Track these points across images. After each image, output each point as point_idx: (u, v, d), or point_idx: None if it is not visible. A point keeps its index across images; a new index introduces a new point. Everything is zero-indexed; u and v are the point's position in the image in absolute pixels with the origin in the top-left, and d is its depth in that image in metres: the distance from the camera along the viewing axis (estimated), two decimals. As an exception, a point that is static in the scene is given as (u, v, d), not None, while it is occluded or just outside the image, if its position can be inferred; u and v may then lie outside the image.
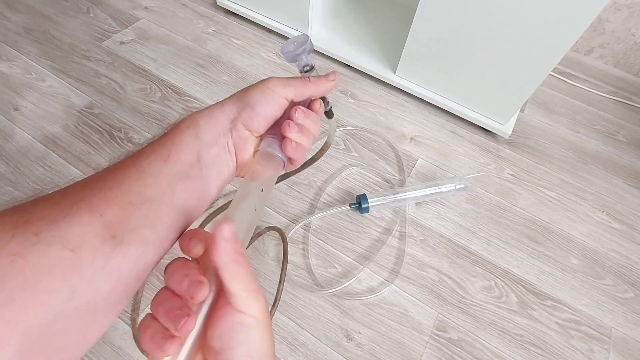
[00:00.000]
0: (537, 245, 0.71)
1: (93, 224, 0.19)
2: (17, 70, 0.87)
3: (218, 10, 1.05)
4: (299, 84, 0.29)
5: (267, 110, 0.27)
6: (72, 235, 0.18)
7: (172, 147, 0.24)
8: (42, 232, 0.17)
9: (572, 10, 0.60)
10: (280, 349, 0.57)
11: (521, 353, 0.59)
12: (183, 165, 0.23)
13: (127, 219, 0.20)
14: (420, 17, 0.75)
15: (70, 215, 0.18)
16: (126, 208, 0.20)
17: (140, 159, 0.22)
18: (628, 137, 0.91)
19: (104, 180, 0.21)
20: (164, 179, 0.22)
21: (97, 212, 0.19)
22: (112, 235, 0.19)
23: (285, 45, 0.32)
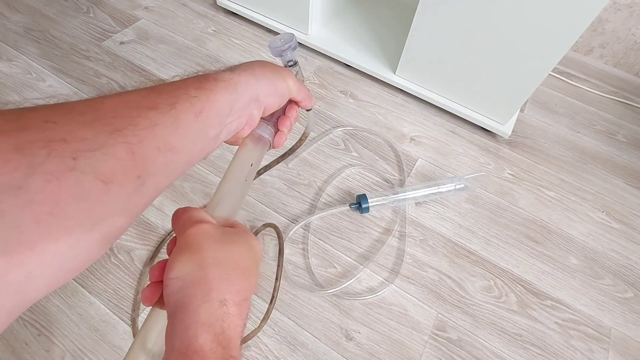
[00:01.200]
0: (537, 245, 0.71)
1: (125, 161, 0.19)
2: (17, 70, 0.87)
3: (218, 10, 1.05)
4: (304, 95, 0.33)
5: (282, 102, 0.31)
6: (106, 168, 0.18)
7: (206, 103, 0.24)
8: (79, 157, 0.17)
9: (572, 10, 0.60)
10: (280, 349, 0.57)
11: (521, 353, 0.60)
12: (208, 124, 0.24)
13: (151, 163, 0.20)
14: (420, 17, 0.75)
15: (107, 146, 0.18)
16: (153, 152, 0.21)
17: (176, 105, 0.22)
18: (628, 137, 0.91)
19: (138, 115, 0.20)
20: (191, 133, 0.23)
21: (130, 150, 0.19)
22: (138, 175, 0.20)
23: (272, 41, 0.36)
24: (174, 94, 0.23)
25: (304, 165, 0.77)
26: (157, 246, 0.65)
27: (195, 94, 0.24)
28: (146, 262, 0.63)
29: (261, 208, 0.71)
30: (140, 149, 0.20)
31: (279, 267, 0.62)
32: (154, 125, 0.21)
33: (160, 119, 0.21)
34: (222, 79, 0.25)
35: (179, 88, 0.23)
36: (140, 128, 0.20)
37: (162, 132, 0.21)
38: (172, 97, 0.22)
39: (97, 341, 0.57)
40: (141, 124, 0.20)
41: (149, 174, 0.20)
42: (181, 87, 0.23)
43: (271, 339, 0.58)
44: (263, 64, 0.30)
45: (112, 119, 0.19)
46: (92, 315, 0.58)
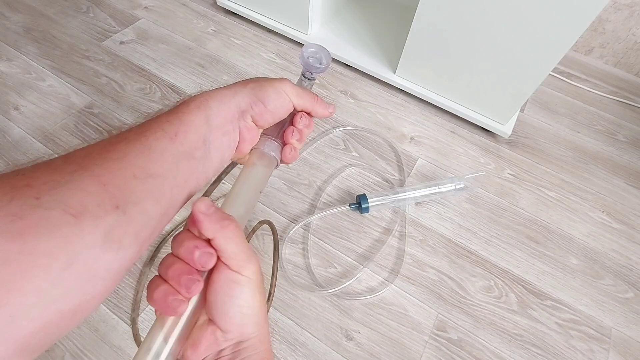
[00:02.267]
0: (537, 245, 0.71)
1: (96, 193, 0.18)
2: (16, 70, 0.87)
3: (218, 10, 1.05)
4: (309, 100, 0.31)
5: (278, 111, 0.29)
6: (74, 202, 0.17)
7: (181, 126, 0.24)
8: (43, 196, 0.17)
9: (572, 10, 0.60)
10: (280, 349, 0.57)
11: (521, 353, 0.59)
12: (189, 145, 0.24)
13: (130, 192, 0.20)
14: (420, 17, 0.75)
15: (72, 182, 0.18)
16: (130, 181, 0.20)
17: (146, 133, 0.22)
18: (628, 137, 0.91)
19: (107, 151, 0.20)
20: (169, 157, 0.22)
21: (101, 182, 0.19)
22: (115, 205, 0.19)
23: (310, 52, 0.34)
24: (145, 126, 0.23)
25: (304, 165, 0.77)
26: (157, 246, 0.65)
27: (167, 119, 0.24)
28: (146, 262, 0.63)
29: (261, 208, 0.71)
30: (112, 180, 0.19)
31: (274, 264, 0.62)
32: (124, 156, 0.20)
33: (130, 148, 0.21)
34: (193, 100, 0.25)
35: (150, 121, 0.23)
36: (108, 160, 0.20)
37: (134, 161, 0.21)
38: (142, 129, 0.22)
39: (97, 341, 0.56)
40: (110, 157, 0.20)
41: (129, 202, 0.19)
42: (153, 119, 0.24)
43: (271, 338, 0.58)
44: (247, 80, 0.29)
45: (81, 160, 0.19)
46: (92, 315, 0.58)
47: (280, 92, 0.28)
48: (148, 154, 0.21)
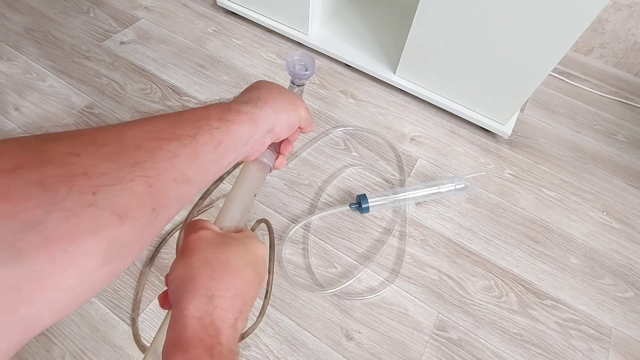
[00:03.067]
0: (537, 244, 0.71)
1: (142, 194, 0.19)
2: (17, 70, 0.87)
3: (218, 10, 1.05)
4: (310, 123, 0.35)
5: (292, 132, 0.32)
6: (123, 202, 0.18)
7: (227, 135, 0.24)
8: (99, 192, 0.17)
9: (572, 10, 0.60)
10: (281, 349, 0.57)
11: (521, 352, 0.60)
12: (224, 154, 0.25)
13: (166, 195, 0.21)
14: (420, 17, 0.75)
15: (125, 181, 0.18)
16: (170, 184, 0.21)
17: (197, 137, 0.23)
18: (628, 137, 0.91)
19: (159, 147, 0.21)
20: (207, 164, 0.23)
21: (148, 183, 0.19)
22: (153, 207, 0.20)
23: (295, 60, 0.37)
24: (196, 124, 0.23)
25: (304, 165, 0.78)
26: (157, 246, 0.65)
27: (217, 125, 0.24)
28: (146, 262, 0.63)
29: (262, 208, 0.71)
30: (157, 182, 0.20)
31: (270, 262, 0.62)
32: (173, 157, 0.21)
33: (180, 150, 0.21)
34: (245, 112, 0.26)
35: (201, 118, 0.24)
36: (160, 160, 0.20)
37: (180, 164, 0.21)
38: (194, 128, 0.23)
39: (98, 341, 0.57)
40: (161, 156, 0.20)
41: (163, 206, 0.20)
42: (204, 117, 0.24)
43: (271, 339, 0.58)
44: (280, 93, 0.30)
45: (134, 152, 0.20)
46: (92, 315, 0.58)
47: (298, 116, 0.32)
48: (193, 160, 0.22)
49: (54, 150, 0.17)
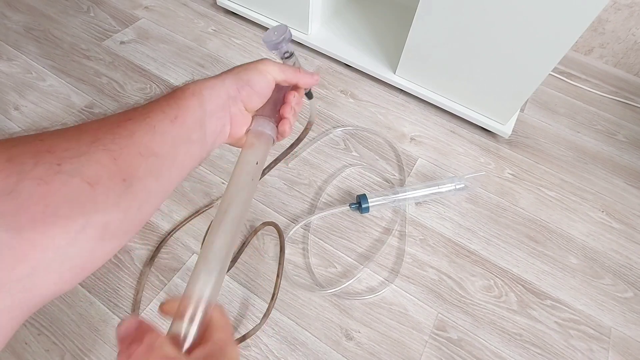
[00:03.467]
0: (537, 244, 0.71)
1: (108, 166, 0.20)
2: (17, 70, 0.87)
3: (218, 10, 1.05)
4: (291, 72, 0.32)
5: (264, 91, 0.31)
6: (90, 172, 0.19)
7: (179, 110, 0.25)
8: (64, 163, 0.19)
9: (572, 10, 0.60)
10: (280, 349, 0.57)
11: (521, 352, 0.60)
12: (188, 128, 0.26)
13: (136, 168, 0.22)
14: (420, 17, 0.75)
15: (89, 153, 0.20)
16: (136, 157, 0.22)
17: (150, 114, 0.24)
18: (628, 137, 0.91)
19: (117, 126, 0.22)
20: (169, 138, 0.24)
21: (112, 156, 0.21)
22: (123, 178, 0.21)
23: (266, 35, 0.35)
24: (148, 107, 0.25)
25: (304, 165, 0.77)
26: (157, 246, 0.65)
27: (167, 104, 0.25)
28: (146, 261, 0.63)
29: (261, 208, 0.71)
30: (121, 155, 0.21)
31: (279, 265, 0.62)
32: (132, 133, 0.22)
33: (137, 127, 0.23)
34: (188, 88, 0.27)
35: (152, 104, 0.25)
36: (119, 137, 0.22)
37: (141, 139, 0.22)
38: (146, 110, 0.24)
39: (97, 341, 0.57)
40: (120, 133, 0.22)
41: (134, 177, 0.22)
42: (153, 102, 0.26)
43: (271, 338, 0.58)
44: (233, 67, 0.31)
45: (94, 131, 0.21)
46: (92, 315, 0.58)
47: (263, 71, 0.30)
48: (152, 135, 0.23)
49: (21, 138, 0.20)
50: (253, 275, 0.63)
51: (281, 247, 0.64)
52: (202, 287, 0.23)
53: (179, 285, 0.61)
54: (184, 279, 0.62)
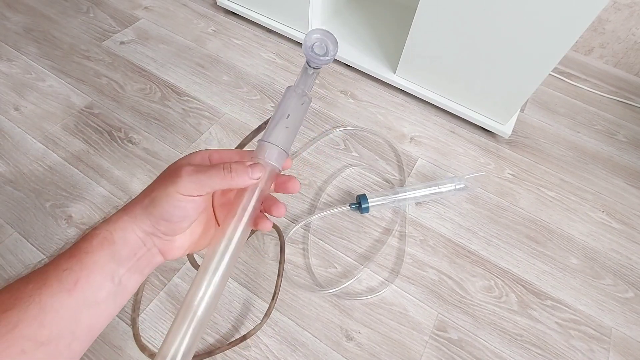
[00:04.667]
0: (537, 245, 0.71)
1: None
2: (17, 70, 0.87)
3: (218, 10, 1.05)
4: (217, 181, 0.25)
5: (186, 218, 0.25)
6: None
7: (82, 272, 0.22)
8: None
9: (572, 10, 0.60)
10: (280, 349, 0.57)
11: (521, 353, 0.59)
12: (92, 291, 0.22)
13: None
14: (420, 17, 0.75)
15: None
16: (17, 357, 0.19)
17: (42, 290, 0.21)
18: (628, 137, 0.91)
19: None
20: (66, 314, 0.21)
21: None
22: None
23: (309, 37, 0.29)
24: (43, 276, 0.22)
25: (304, 165, 0.77)
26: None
27: (67, 265, 0.22)
28: (146, 262, 0.63)
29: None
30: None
31: (280, 265, 0.62)
32: (13, 327, 0.20)
33: (21, 316, 0.20)
34: (96, 236, 0.23)
35: (48, 268, 0.22)
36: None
37: (25, 332, 0.20)
38: (40, 282, 0.21)
39: (97, 341, 0.56)
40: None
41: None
42: (51, 264, 0.22)
43: (271, 339, 0.58)
44: (145, 192, 0.26)
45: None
46: (92, 315, 0.58)
47: (176, 200, 0.24)
48: (42, 319, 0.20)
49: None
50: (253, 275, 0.63)
51: (281, 246, 0.64)
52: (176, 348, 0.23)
53: (179, 285, 0.61)
54: (184, 279, 0.62)
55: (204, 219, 0.29)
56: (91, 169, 0.73)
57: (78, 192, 0.70)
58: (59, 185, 0.70)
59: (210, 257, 0.25)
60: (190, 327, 0.24)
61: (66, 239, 0.64)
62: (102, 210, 0.68)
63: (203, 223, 0.29)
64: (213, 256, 0.25)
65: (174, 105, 0.84)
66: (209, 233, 0.29)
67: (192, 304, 0.24)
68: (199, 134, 0.80)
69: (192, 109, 0.84)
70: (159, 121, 0.81)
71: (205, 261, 0.25)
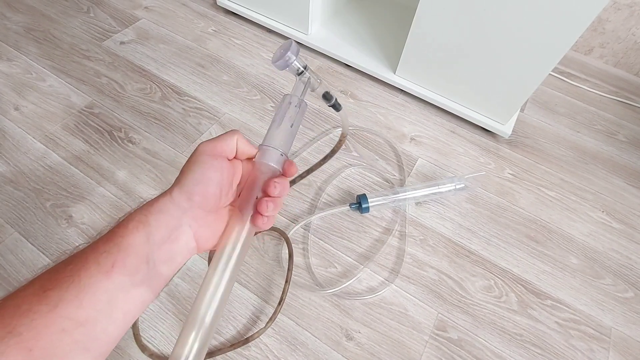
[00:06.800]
0: (537, 244, 0.71)
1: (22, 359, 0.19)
2: (17, 70, 0.87)
3: (218, 10, 1.05)
4: (228, 138, 0.28)
5: (212, 180, 0.26)
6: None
7: (118, 254, 0.22)
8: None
9: (572, 10, 0.60)
10: (281, 349, 0.57)
11: (521, 352, 0.60)
12: (128, 273, 0.23)
13: (58, 348, 0.20)
14: (420, 17, 0.75)
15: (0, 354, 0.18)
16: (58, 335, 0.20)
17: (80, 273, 0.21)
18: (628, 136, 0.91)
19: (38, 302, 0.20)
20: (103, 296, 0.22)
21: (27, 347, 0.19)
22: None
23: (273, 57, 0.33)
24: (81, 259, 0.22)
25: (304, 165, 0.77)
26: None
27: (105, 248, 0.23)
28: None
29: (261, 208, 0.71)
30: (38, 342, 0.19)
31: (289, 271, 0.62)
32: (54, 307, 0.20)
33: (62, 295, 0.21)
34: (131, 220, 0.24)
35: (87, 251, 0.23)
36: (38, 316, 0.20)
37: (64, 311, 0.20)
38: (79, 266, 0.22)
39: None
40: (40, 311, 0.20)
41: (54, 356, 0.20)
42: (90, 248, 0.23)
43: (271, 338, 0.58)
44: (181, 171, 0.27)
45: (9, 319, 0.19)
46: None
47: (201, 163, 0.26)
48: (79, 299, 0.21)
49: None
50: (253, 275, 0.63)
51: (290, 253, 0.64)
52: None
53: (179, 285, 0.61)
54: (184, 279, 0.62)
55: (229, 210, 0.30)
56: (91, 168, 0.73)
57: (78, 192, 0.70)
58: (59, 185, 0.70)
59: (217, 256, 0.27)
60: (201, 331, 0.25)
61: (66, 238, 0.64)
62: (103, 210, 0.68)
63: (229, 214, 0.29)
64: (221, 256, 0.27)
65: (174, 105, 0.84)
66: None
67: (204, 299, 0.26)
68: (199, 134, 0.80)
69: (192, 108, 0.84)
70: (159, 121, 0.81)
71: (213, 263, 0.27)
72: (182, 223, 0.25)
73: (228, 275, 0.27)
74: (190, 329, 0.25)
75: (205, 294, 0.26)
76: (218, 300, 0.26)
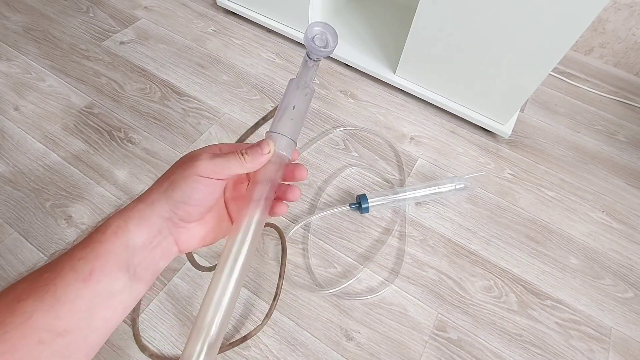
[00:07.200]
0: (537, 245, 0.71)
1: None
2: (16, 70, 0.87)
3: (218, 10, 1.05)
4: (234, 164, 0.26)
5: (204, 201, 0.26)
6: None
7: (96, 261, 0.22)
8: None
9: (572, 10, 0.60)
10: (280, 349, 0.57)
11: (521, 353, 0.60)
12: (107, 281, 0.22)
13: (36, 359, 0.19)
14: (420, 17, 0.75)
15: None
16: (36, 347, 0.19)
17: (56, 281, 0.21)
18: (628, 137, 0.91)
19: (11, 313, 0.19)
20: (82, 305, 0.21)
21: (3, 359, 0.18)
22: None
23: (317, 32, 0.29)
24: (58, 265, 0.21)
25: (304, 164, 0.77)
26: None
27: (81, 255, 0.22)
28: (146, 262, 0.63)
29: (261, 208, 0.71)
30: (14, 355, 0.19)
31: (282, 266, 0.62)
32: (28, 317, 0.19)
33: (36, 305, 0.20)
34: (109, 226, 0.23)
35: (63, 259, 0.22)
36: (13, 326, 0.19)
37: (40, 322, 0.19)
38: (55, 272, 0.21)
39: (97, 341, 0.56)
40: (14, 322, 0.19)
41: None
42: (66, 255, 0.22)
43: (271, 339, 0.58)
44: (162, 178, 0.26)
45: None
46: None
47: (195, 180, 0.24)
48: (57, 309, 0.20)
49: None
50: (253, 275, 0.63)
51: (283, 247, 0.64)
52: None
53: (179, 286, 0.61)
54: (184, 279, 0.62)
55: (217, 211, 0.29)
56: (91, 168, 0.73)
57: (78, 192, 0.70)
58: (59, 185, 0.70)
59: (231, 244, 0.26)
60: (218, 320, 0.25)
61: (66, 238, 0.64)
62: (102, 210, 0.68)
63: (216, 216, 0.29)
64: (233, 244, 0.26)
65: (173, 105, 0.84)
66: (221, 226, 0.29)
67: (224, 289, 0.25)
68: (199, 134, 0.80)
69: (191, 108, 0.84)
70: (158, 121, 0.81)
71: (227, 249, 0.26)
72: (163, 230, 0.25)
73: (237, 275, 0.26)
74: (199, 335, 0.24)
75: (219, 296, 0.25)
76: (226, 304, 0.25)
